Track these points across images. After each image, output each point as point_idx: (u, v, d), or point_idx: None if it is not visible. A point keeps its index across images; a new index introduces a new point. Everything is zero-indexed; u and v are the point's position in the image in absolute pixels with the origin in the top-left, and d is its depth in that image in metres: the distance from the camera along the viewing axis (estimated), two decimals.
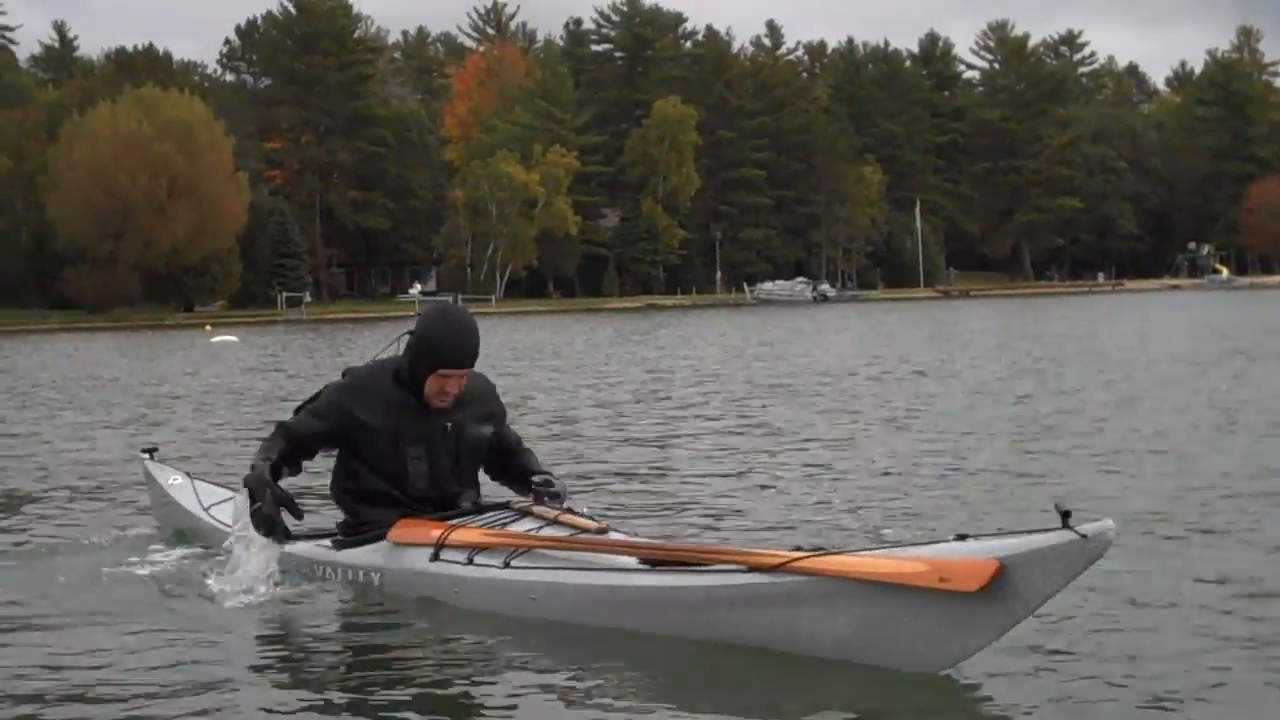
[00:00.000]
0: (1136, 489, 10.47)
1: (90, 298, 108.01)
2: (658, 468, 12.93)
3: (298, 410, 7.77)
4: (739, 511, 10.22)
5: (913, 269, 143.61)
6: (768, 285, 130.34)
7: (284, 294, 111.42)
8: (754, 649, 6.16)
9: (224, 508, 9.17)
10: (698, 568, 6.48)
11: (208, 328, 79.15)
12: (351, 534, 7.75)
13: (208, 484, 9.95)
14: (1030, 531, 5.67)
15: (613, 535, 7.18)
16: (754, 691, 5.87)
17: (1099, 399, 18.30)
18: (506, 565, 7.03)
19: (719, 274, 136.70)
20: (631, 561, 6.79)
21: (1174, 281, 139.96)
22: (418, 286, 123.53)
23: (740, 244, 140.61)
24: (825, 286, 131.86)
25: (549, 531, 7.21)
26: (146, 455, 10.44)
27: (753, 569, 6.19)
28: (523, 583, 6.96)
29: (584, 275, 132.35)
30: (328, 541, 7.99)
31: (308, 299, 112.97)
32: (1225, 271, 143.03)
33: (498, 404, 7.89)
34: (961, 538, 5.81)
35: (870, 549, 6.20)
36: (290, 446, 7.58)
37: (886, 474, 11.81)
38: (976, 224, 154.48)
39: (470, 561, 7.17)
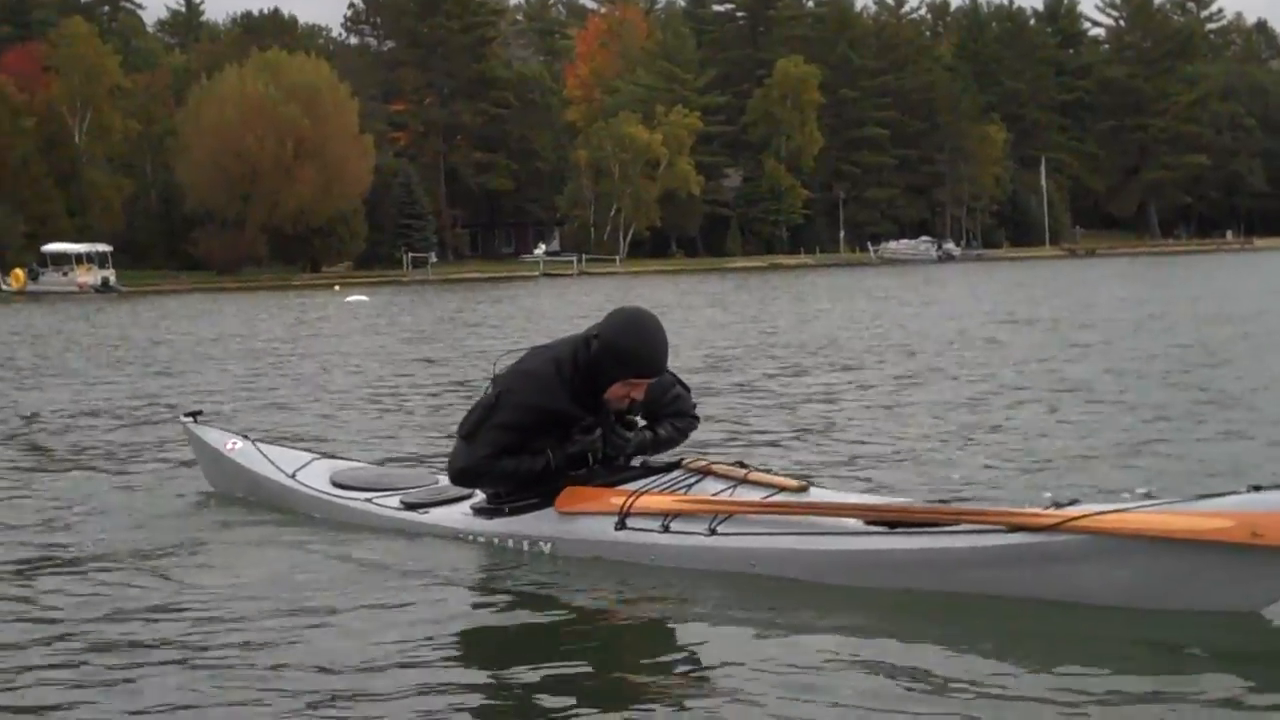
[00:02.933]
0: None
1: (218, 259, 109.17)
2: (836, 422, 12.88)
3: (477, 426, 7.43)
4: (932, 464, 10.22)
5: (1038, 228, 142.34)
6: (892, 244, 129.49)
7: (410, 254, 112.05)
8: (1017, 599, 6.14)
9: (310, 471, 8.92)
10: (945, 528, 6.34)
11: (336, 288, 79.88)
12: (504, 502, 7.61)
13: (274, 447, 9.57)
14: None
15: (814, 492, 7.00)
16: (1023, 638, 5.83)
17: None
18: (713, 532, 6.83)
19: (842, 233, 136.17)
20: (855, 523, 6.62)
21: None
22: (542, 247, 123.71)
23: (864, 203, 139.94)
24: (950, 245, 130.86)
25: (742, 492, 6.99)
26: (189, 419, 9.89)
27: (1017, 529, 6.11)
28: (738, 549, 6.75)
29: (707, 235, 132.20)
30: (466, 508, 7.83)
31: (433, 259, 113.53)
32: None
33: (662, 390, 7.67)
34: (1256, 488, 5.76)
35: (1149, 504, 6.09)
36: (515, 458, 7.38)
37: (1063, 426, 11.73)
38: (1102, 182, 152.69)
39: (666, 529, 6.97)
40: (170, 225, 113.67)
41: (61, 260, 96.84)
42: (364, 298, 59.68)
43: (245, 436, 9.61)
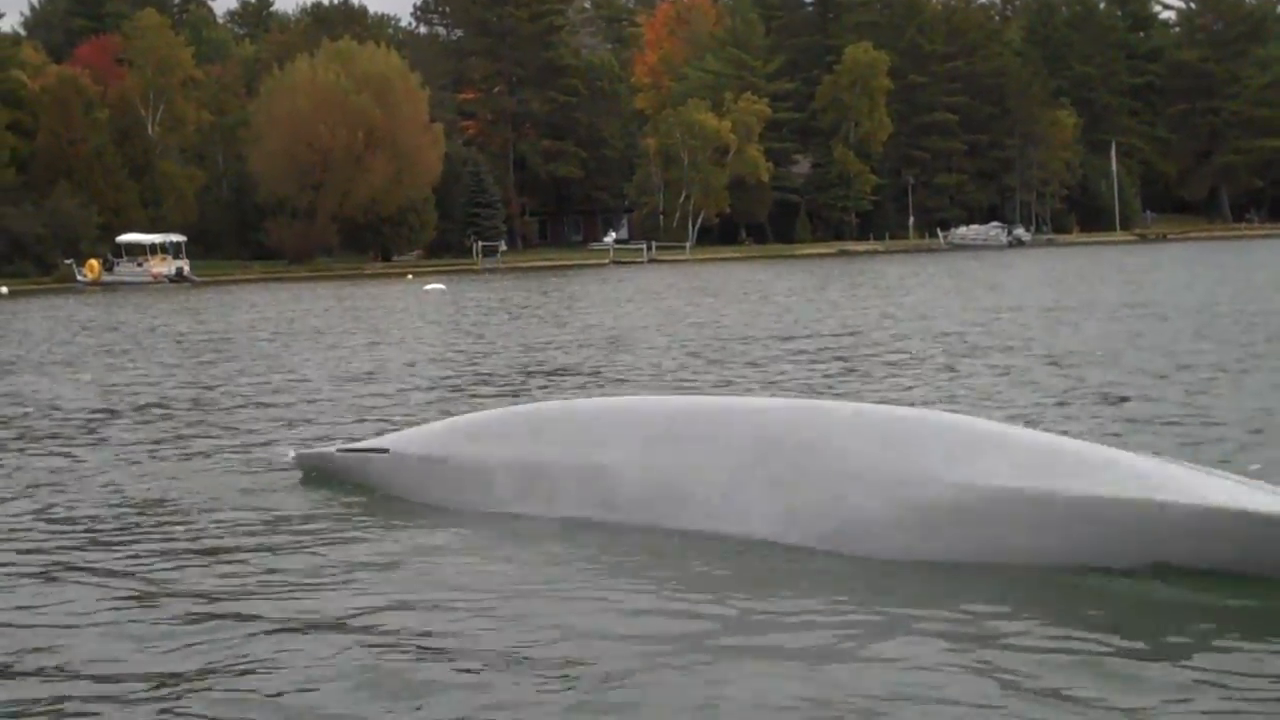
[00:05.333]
0: None
1: (290, 248, 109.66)
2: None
3: None
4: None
5: (1108, 212, 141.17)
6: (961, 230, 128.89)
7: (479, 243, 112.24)
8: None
9: None
10: None
11: (410, 276, 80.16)
12: None
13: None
14: None
15: None
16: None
17: None
18: None
19: (911, 219, 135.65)
20: None
21: None
22: (612, 234, 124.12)
23: (933, 189, 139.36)
24: (1020, 231, 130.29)
25: None
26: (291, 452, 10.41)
27: None
28: None
29: (776, 222, 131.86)
30: None
31: (503, 247, 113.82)
32: None
33: None
34: None
35: None
36: None
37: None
38: (1173, 166, 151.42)
39: None
40: (242, 215, 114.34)
41: (136, 251, 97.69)
42: (441, 286, 59.89)
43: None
